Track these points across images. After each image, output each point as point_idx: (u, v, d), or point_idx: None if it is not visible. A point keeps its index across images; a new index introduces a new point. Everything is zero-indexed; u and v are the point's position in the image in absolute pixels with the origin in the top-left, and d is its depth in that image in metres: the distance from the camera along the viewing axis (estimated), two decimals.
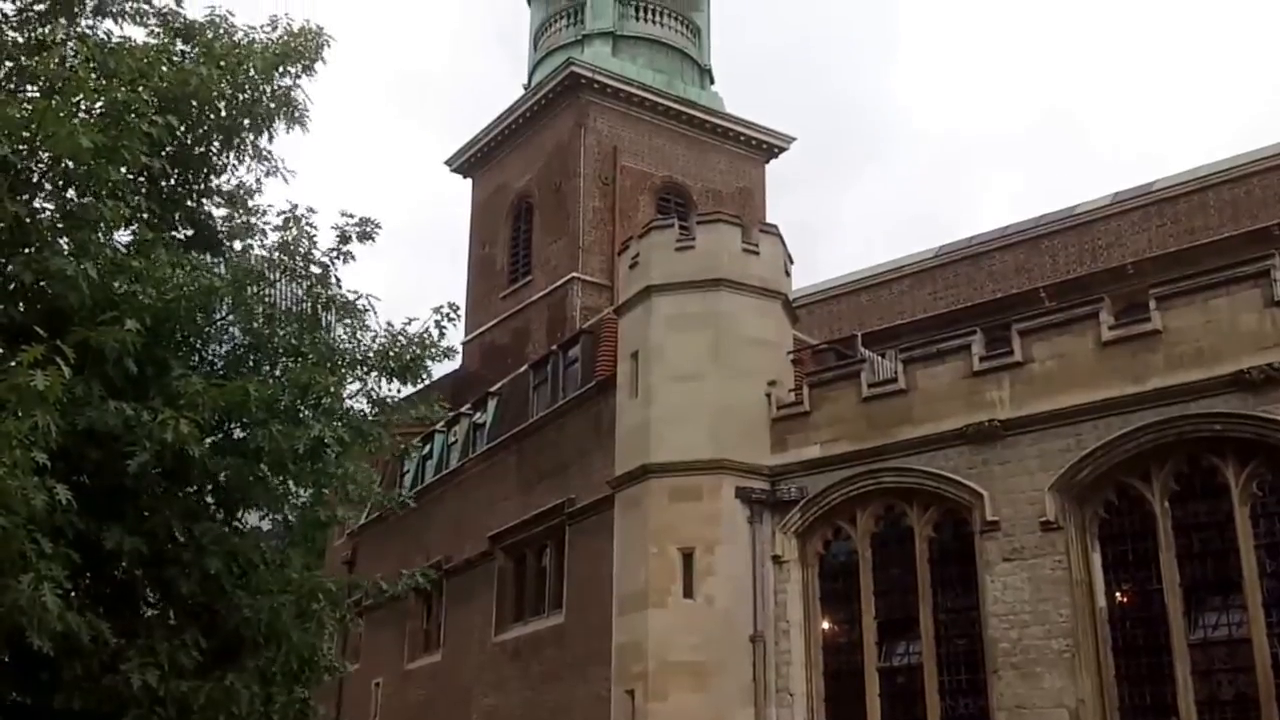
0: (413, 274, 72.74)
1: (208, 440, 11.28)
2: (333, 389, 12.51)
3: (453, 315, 13.77)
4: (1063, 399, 17.24)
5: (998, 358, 18.11)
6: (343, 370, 12.76)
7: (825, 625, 19.31)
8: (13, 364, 9.19)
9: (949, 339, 19.19)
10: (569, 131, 33.25)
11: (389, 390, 13.87)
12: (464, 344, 33.92)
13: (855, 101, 75.05)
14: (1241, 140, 65.91)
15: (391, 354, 12.92)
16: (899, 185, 74.37)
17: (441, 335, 13.73)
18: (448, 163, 37.33)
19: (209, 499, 12.25)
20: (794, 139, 36.04)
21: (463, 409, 29.18)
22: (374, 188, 77.60)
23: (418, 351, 13.21)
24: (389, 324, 13.39)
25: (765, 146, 35.78)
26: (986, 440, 17.77)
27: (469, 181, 37.26)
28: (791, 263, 22.28)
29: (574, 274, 31.85)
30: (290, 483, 12.40)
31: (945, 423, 18.25)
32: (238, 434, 12.10)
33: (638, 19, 35.40)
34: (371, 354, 12.92)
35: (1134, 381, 16.69)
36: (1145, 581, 16.58)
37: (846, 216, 74.23)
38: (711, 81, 36.39)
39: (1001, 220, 37.88)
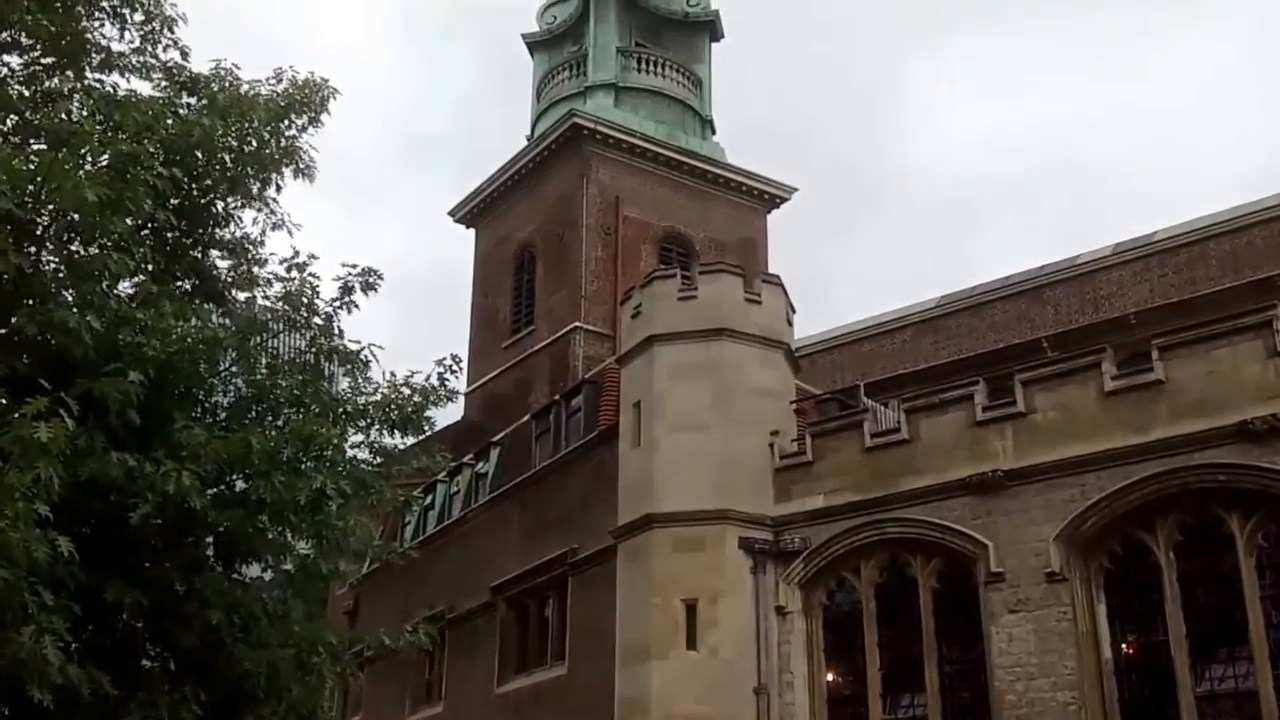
0: (417, 322, 73.02)
1: (209, 492, 11.26)
2: (335, 440, 12.50)
3: (455, 367, 13.80)
4: (1066, 449, 17.20)
5: (1000, 408, 18.10)
6: (345, 421, 12.75)
7: (829, 677, 19.15)
8: (16, 415, 9.20)
9: (952, 389, 19.19)
10: (572, 182, 33.45)
11: (392, 441, 13.88)
12: (466, 394, 33.93)
13: (858, 151, 75.67)
14: (1241, 188, 66.14)
15: (394, 405, 12.92)
16: (901, 234, 74.73)
17: (444, 386, 13.75)
18: (451, 213, 37.53)
19: (210, 550, 12.21)
20: (795, 189, 36.25)
21: (465, 459, 29.11)
22: (378, 236, 77.96)
23: (420, 402, 13.22)
24: (391, 374, 13.42)
25: (767, 197, 35.96)
26: (990, 490, 17.71)
27: (472, 231, 37.42)
28: (794, 312, 22.33)
29: (576, 323, 31.91)
30: (291, 535, 12.36)
31: (949, 473, 18.20)
32: (240, 485, 12.08)
33: (640, 71, 35.72)
34: (373, 405, 12.92)
35: (1137, 432, 16.66)
36: (1151, 633, 16.47)
37: (849, 265, 74.53)
38: (713, 132, 36.65)
39: (1005, 269, 38.17)
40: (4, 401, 10.33)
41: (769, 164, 69.15)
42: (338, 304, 13.00)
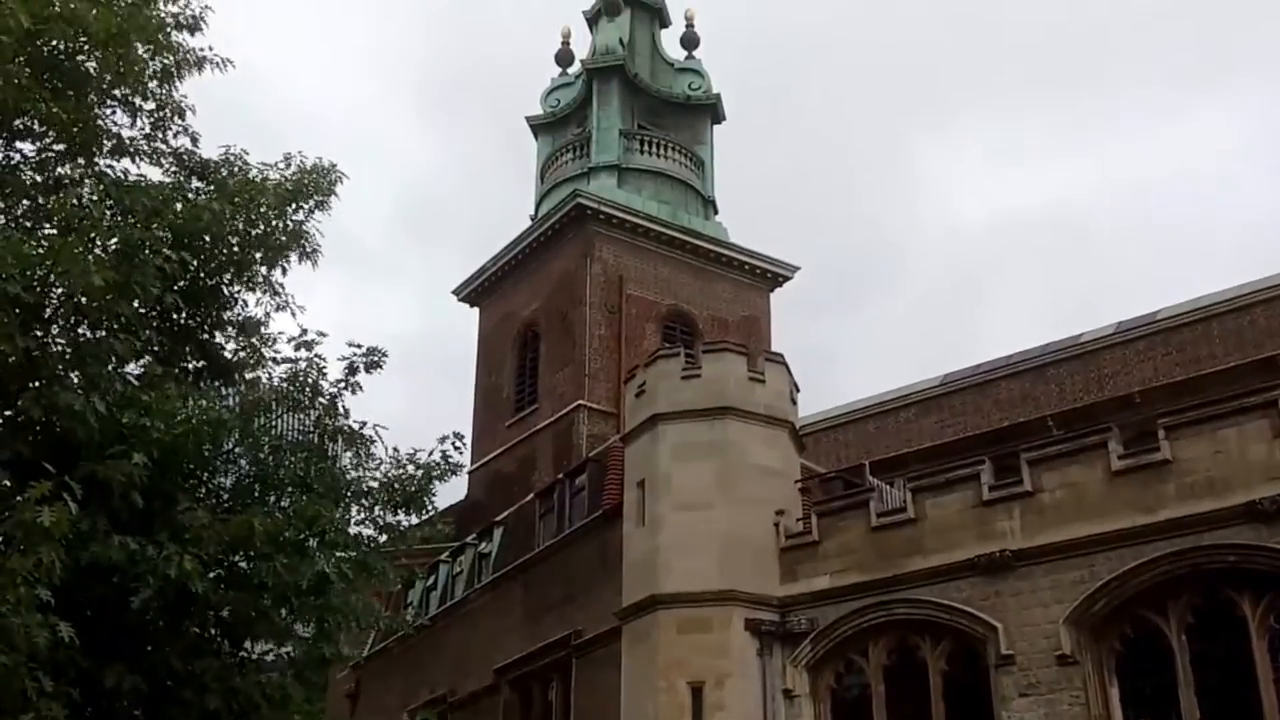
0: (425, 396, 73.03)
1: (211, 574, 11.22)
2: (338, 521, 12.49)
3: (458, 445, 13.82)
4: (1074, 529, 17.08)
5: (1007, 487, 18.00)
6: (348, 501, 12.74)
7: None
8: (19, 499, 9.20)
9: (957, 468, 19.09)
10: (575, 261, 33.66)
11: (395, 519, 13.86)
12: (470, 473, 33.83)
13: (863, 227, 76.22)
14: (1250, 265, 66.40)
15: (397, 484, 12.92)
16: (907, 310, 74.94)
17: (447, 464, 13.77)
18: (455, 292, 37.72)
19: (211, 632, 12.13)
20: (798, 268, 36.46)
21: (468, 539, 28.94)
22: (387, 309, 78.35)
23: (423, 480, 13.22)
24: (395, 450, 13.43)
25: (770, 275, 36.15)
26: (999, 571, 17.55)
27: (476, 309, 37.59)
28: (798, 391, 22.32)
29: (580, 402, 31.90)
30: (293, 617, 12.28)
31: (956, 553, 18.05)
32: (242, 566, 12.04)
33: (642, 152, 36.11)
34: (377, 484, 12.92)
35: (1145, 512, 16.56)
36: (1165, 717, 16.19)
37: (854, 341, 74.73)
38: (715, 212, 36.96)
39: (1013, 344, 38.18)
40: (7, 484, 10.32)
41: (774, 240, 69.94)
42: (343, 384, 13.05)
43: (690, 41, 38.60)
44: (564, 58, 38.70)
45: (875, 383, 79.39)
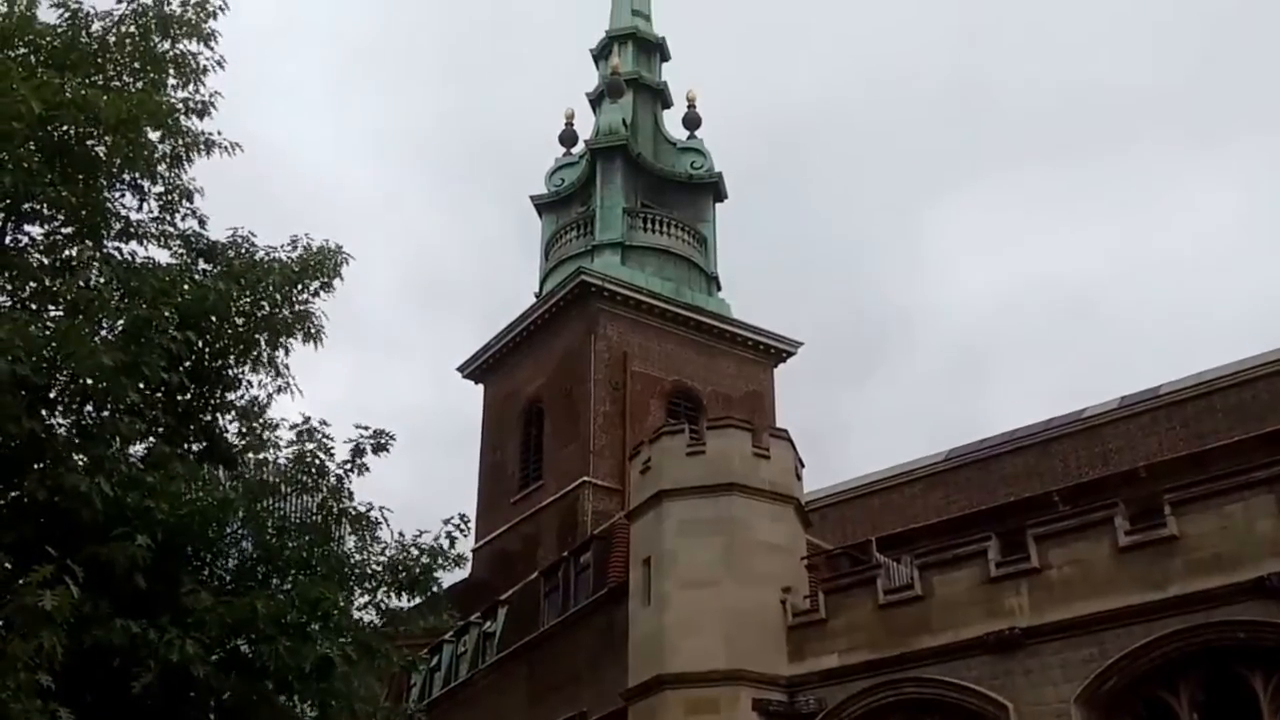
0: (432, 468, 72.87)
1: (213, 657, 11.14)
2: (342, 604, 12.41)
3: (463, 527, 13.78)
4: (1083, 606, 16.95)
5: (1014, 564, 17.90)
6: (352, 584, 12.68)
7: None
8: (21, 583, 9.17)
9: (964, 544, 18.99)
10: (580, 338, 33.79)
11: (398, 603, 13.78)
12: (474, 551, 33.65)
13: (868, 300, 76.38)
14: (1258, 337, 66.52)
15: (401, 567, 12.86)
16: (913, 383, 74.90)
17: (452, 546, 13.71)
18: (460, 369, 37.81)
19: (212, 717, 12.00)
20: (801, 344, 36.56)
21: (472, 618, 28.70)
22: (395, 383, 78.45)
23: (427, 564, 13.16)
24: (400, 534, 13.39)
25: (773, 351, 36.26)
26: (1008, 649, 17.38)
27: (480, 386, 37.64)
28: (802, 466, 22.27)
29: (585, 478, 31.83)
30: (296, 702, 12.16)
31: (964, 631, 17.90)
32: (244, 650, 11.95)
33: (646, 230, 36.43)
34: (381, 567, 12.86)
35: (1154, 588, 16.45)
36: None
37: (860, 415, 74.52)
38: (718, 289, 37.18)
39: (1021, 417, 38.08)
40: (9, 567, 10.28)
41: (778, 314, 70.10)
42: (348, 466, 13.05)
43: (692, 122, 39.13)
44: (568, 138, 39.23)
45: (882, 456, 79.40)
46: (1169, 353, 63.90)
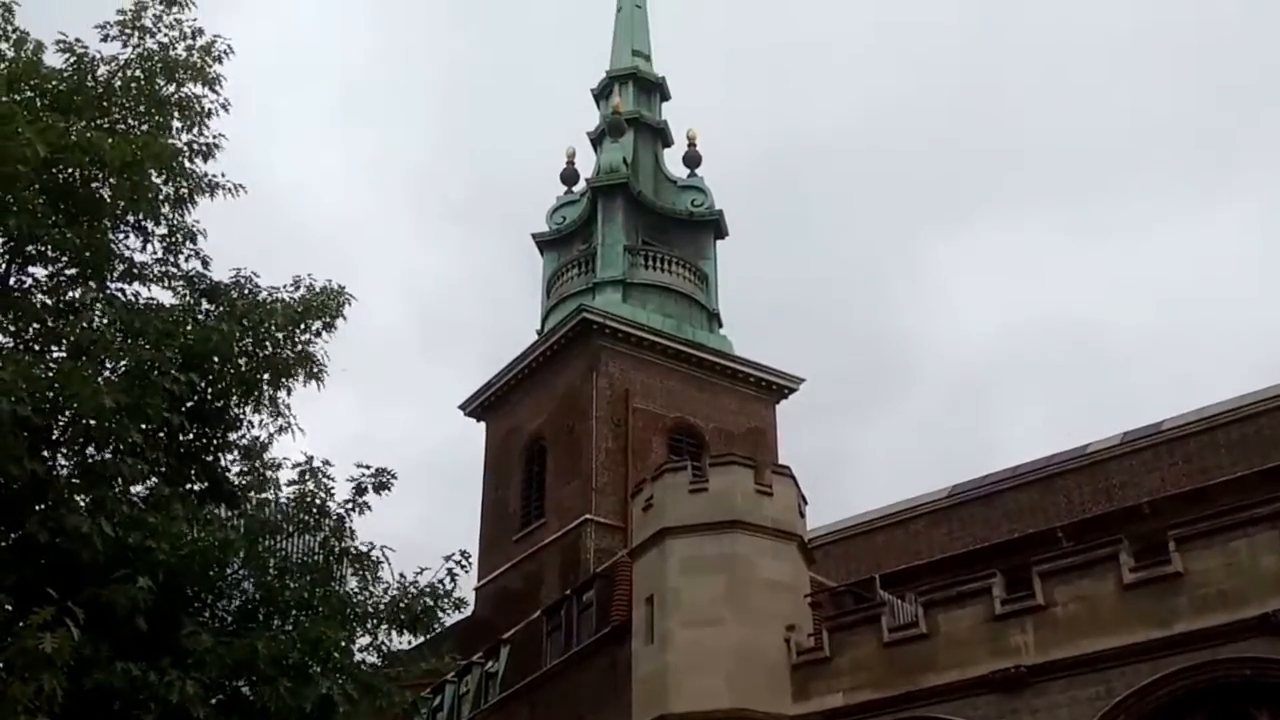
0: (434, 505, 72.73)
1: (214, 699, 11.08)
2: (343, 643, 12.36)
3: (464, 564, 13.74)
4: (1089, 644, 16.87)
5: (1019, 601, 17.84)
6: (353, 624, 12.62)
7: None
8: (21, 625, 9.14)
9: (969, 581, 18.92)
10: (581, 375, 33.79)
11: (400, 642, 13.71)
12: (476, 589, 33.48)
13: (872, 335, 76.32)
14: (1266, 370, 66.31)
15: (403, 605, 12.82)
16: (918, 417, 74.76)
17: (453, 584, 13.66)
18: (461, 407, 37.78)
19: None
20: (803, 379, 36.54)
21: (474, 658, 28.55)
22: (397, 421, 78.42)
23: (429, 603, 13.11)
24: (401, 575, 13.35)
25: (775, 387, 36.23)
26: (1014, 688, 17.28)
27: (483, 424, 37.61)
28: (805, 503, 22.22)
29: (587, 516, 31.73)
30: None
31: (970, 669, 17.79)
32: (245, 691, 11.89)
33: (647, 267, 36.51)
34: (383, 606, 12.81)
35: (1160, 625, 16.40)
36: None
37: (864, 449, 74.38)
38: (720, 325, 37.22)
39: (1026, 451, 37.92)
40: (10, 609, 10.25)
41: (781, 349, 70.11)
42: (350, 505, 13.04)
43: (692, 160, 39.32)
44: (569, 176, 39.40)
45: (886, 490, 78.90)
46: (1172, 384, 63.80)
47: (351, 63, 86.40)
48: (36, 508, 11.12)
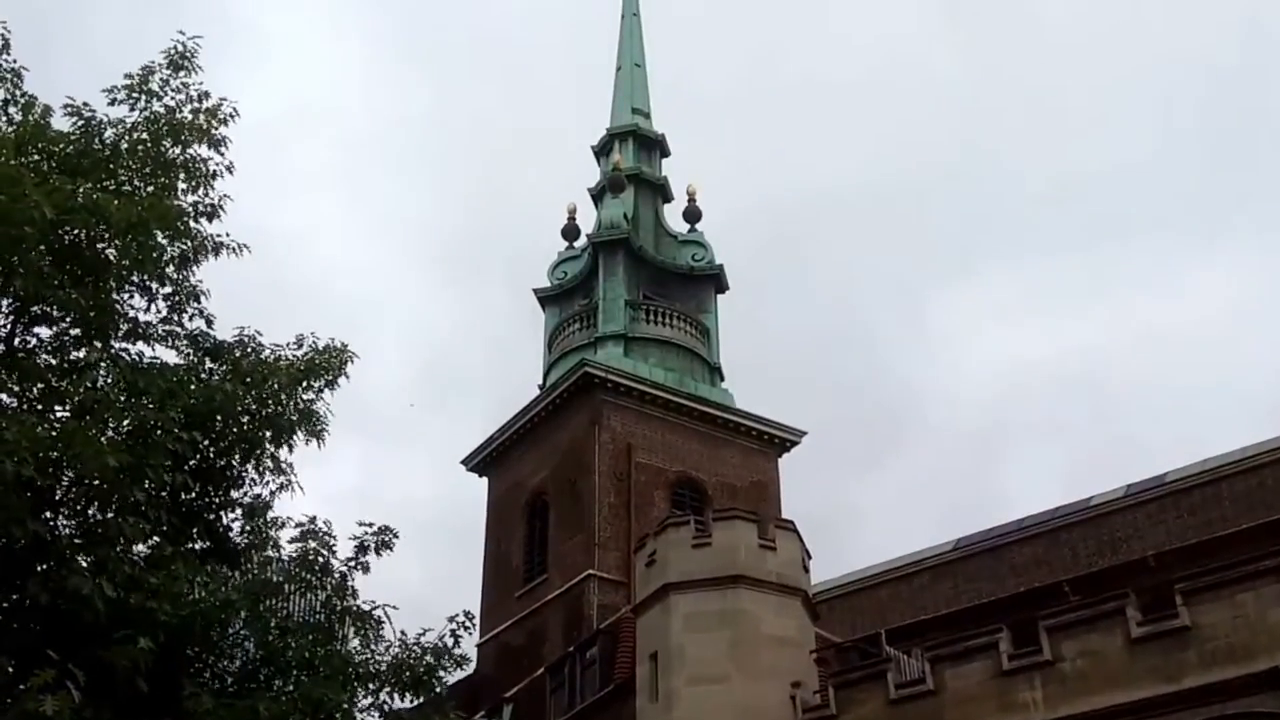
0: (437, 561, 72.24)
1: None
2: (345, 705, 12.27)
3: (468, 624, 13.69)
4: (1098, 699, 16.72)
5: (1027, 656, 17.70)
6: (355, 684, 12.54)
7: None
8: (22, 688, 9.10)
9: (975, 636, 18.78)
10: (584, 429, 33.76)
11: (402, 703, 13.62)
12: (479, 646, 33.21)
13: (873, 387, 76.17)
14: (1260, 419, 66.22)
15: (405, 666, 12.74)
16: (923, 467, 74.45)
17: (456, 643, 13.60)
18: (464, 462, 37.71)
19: None
20: (805, 433, 36.47)
21: (477, 716, 28.28)
22: (396, 474, 78.21)
23: (431, 662, 13.05)
24: (403, 634, 13.29)
25: (777, 441, 36.18)
26: None
27: (485, 479, 37.52)
28: (809, 557, 22.13)
29: (590, 571, 31.55)
30: None
31: None
32: None
33: (648, 322, 36.62)
34: (385, 667, 12.74)
35: (1168, 680, 16.26)
36: None
37: (869, 500, 74.01)
38: (721, 379, 37.26)
39: (1034, 500, 37.74)
40: (10, 670, 10.20)
41: (783, 401, 70.04)
42: (352, 564, 13.00)
43: (692, 215, 39.60)
44: (570, 232, 39.66)
45: (891, 542, 78.28)
46: (1180, 435, 63.45)
47: (355, 119, 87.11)
48: (38, 568, 11.10)
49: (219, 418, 12.69)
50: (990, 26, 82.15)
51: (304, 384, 13.29)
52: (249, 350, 13.33)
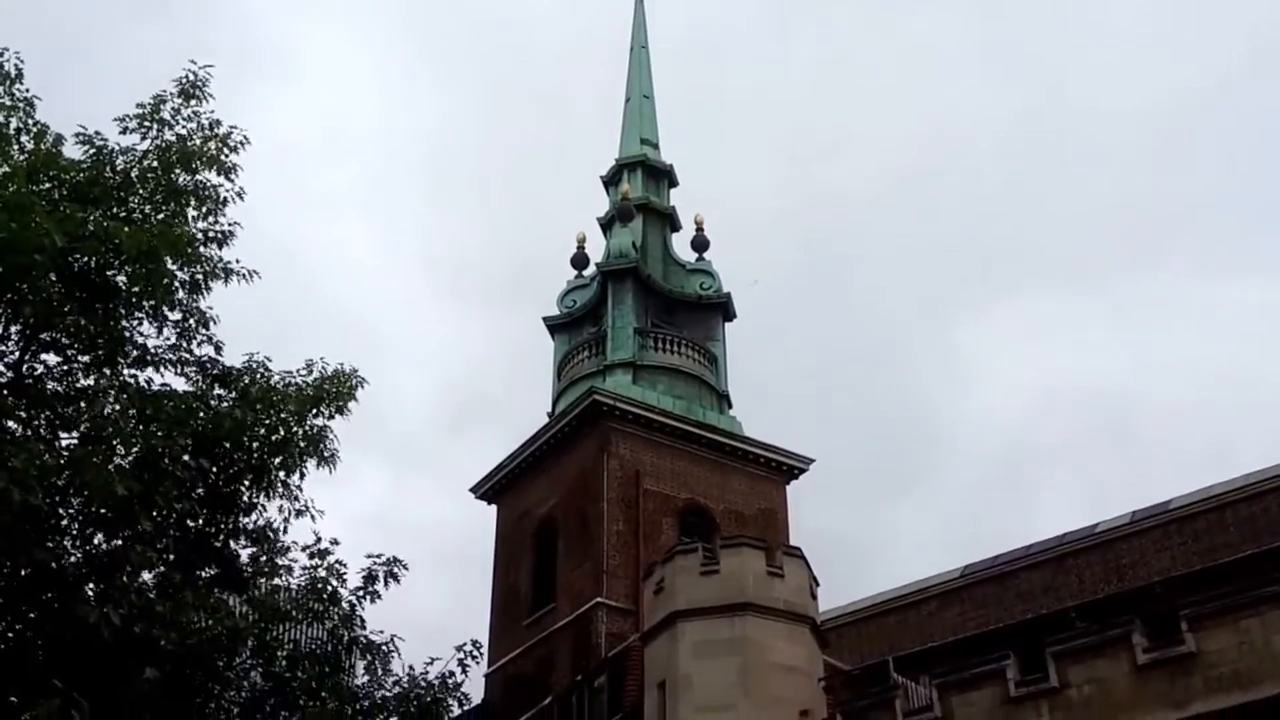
0: (452, 587, 72.11)
1: None
2: None
3: (476, 654, 13.72)
4: None
5: (1034, 683, 17.64)
6: (361, 717, 12.58)
7: None
8: (27, 717, 9.15)
9: (982, 663, 18.74)
10: (592, 457, 33.76)
11: None
12: (487, 675, 33.15)
13: (889, 414, 75.84)
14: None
15: (412, 696, 12.78)
16: (933, 497, 74.10)
17: (464, 675, 13.64)
18: (473, 490, 37.73)
19: None
20: (813, 460, 36.43)
21: None
22: (414, 498, 78.17)
23: (438, 694, 13.08)
24: (410, 668, 13.33)
25: (785, 468, 36.14)
26: None
27: (493, 507, 37.53)
28: (818, 585, 22.09)
29: (598, 599, 31.45)
30: None
31: None
32: None
33: (657, 350, 36.70)
34: (391, 699, 12.77)
35: (1176, 707, 16.22)
36: None
37: (879, 531, 73.66)
38: (729, 406, 37.29)
39: (1050, 528, 37.24)
40: (15, 700, 10.26)
41: (795, 428, 69.67)
42: (361, 593, 13.05)
43: (700, 244, 39.78)
44: (579, 261, 39.84)
45: (904, 569, 78.05)
46: (1206, 461, 62.97)
47: (368, 148, 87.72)
48: (44, 597, 11.16)
49: (227, 444, 12.79)
50: (1015, 36, 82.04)
51: (314, 410, 13.37)
52: (258, 376, 13.44)
